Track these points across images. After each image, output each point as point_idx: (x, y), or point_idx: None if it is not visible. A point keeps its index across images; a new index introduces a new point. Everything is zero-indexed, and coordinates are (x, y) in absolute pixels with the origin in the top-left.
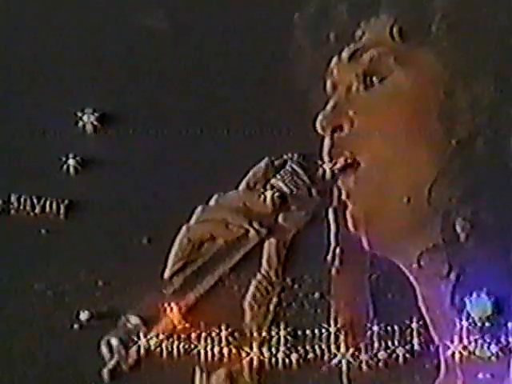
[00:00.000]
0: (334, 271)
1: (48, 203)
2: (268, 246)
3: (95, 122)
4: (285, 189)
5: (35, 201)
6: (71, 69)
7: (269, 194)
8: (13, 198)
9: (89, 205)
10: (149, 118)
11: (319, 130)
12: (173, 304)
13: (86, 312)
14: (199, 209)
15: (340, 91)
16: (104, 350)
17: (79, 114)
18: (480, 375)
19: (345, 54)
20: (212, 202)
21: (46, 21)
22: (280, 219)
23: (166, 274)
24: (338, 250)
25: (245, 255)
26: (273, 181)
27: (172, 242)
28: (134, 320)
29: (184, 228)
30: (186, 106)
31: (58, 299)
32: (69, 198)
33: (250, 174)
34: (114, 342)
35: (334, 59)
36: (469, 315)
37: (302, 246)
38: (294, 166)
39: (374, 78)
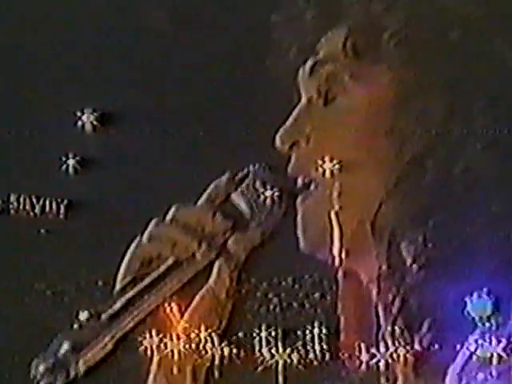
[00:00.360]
0: (340, 273)
1: (48, 203)
2: (217, 267)
3: (95, 122)
4: (243, 206)
5: (35, 201)
6: (71, 69)
7: (222, 212)
8: (12, 198)
9: (89, 205)
10: (148, 117)
11: (277, 144)
12: (173, 304)
13: (86, 312)
14: (153, 223)
15: (302, 105)
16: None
17: (78, 114)
18: (480, 375)
19: (306, 67)
20: (169, 216)
21: (46, 21)
22: (230, 241)
23: (117, 287)
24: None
25: (193, 276)
26: (233, 196)
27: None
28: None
29: (134, 243)
30: (186, 106)
31: (57, 299)
32: (68, 198)
33: (211, 187)
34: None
35: (300, 71)
36: (469, 315)
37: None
38: (257, 180)
39: (329, 94)
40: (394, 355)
